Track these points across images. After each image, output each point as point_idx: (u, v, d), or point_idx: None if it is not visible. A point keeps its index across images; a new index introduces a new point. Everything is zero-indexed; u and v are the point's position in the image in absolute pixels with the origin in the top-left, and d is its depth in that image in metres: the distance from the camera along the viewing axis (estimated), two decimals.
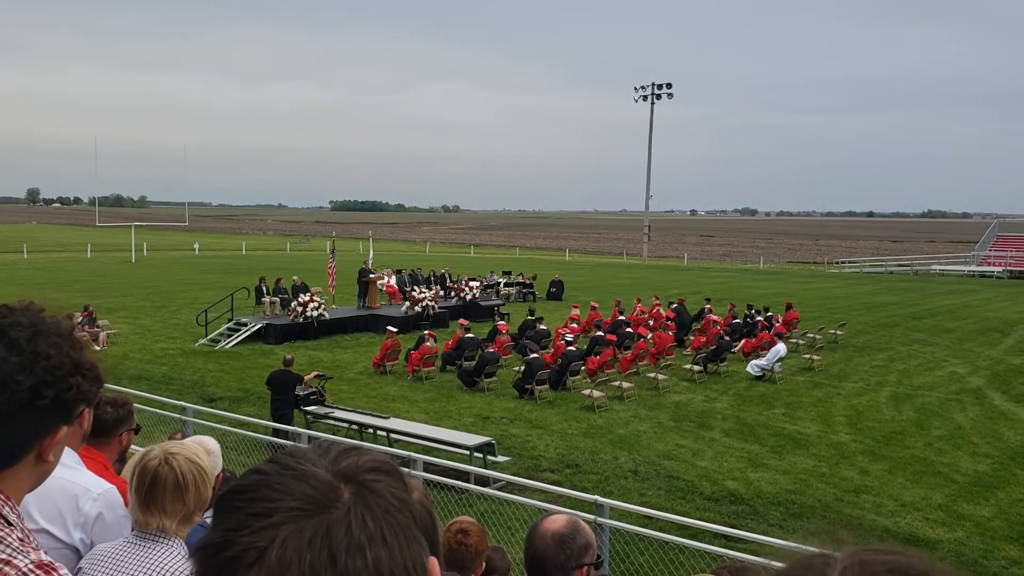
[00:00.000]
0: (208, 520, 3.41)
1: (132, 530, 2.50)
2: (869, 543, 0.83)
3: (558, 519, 2.52)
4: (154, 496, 2.41)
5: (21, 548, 1.27)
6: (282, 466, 0.81)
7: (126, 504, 2.72)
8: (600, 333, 21.54)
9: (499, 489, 10.21)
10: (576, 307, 27.56)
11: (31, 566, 1.24)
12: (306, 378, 14.50)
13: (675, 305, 28.07)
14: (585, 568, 2.45)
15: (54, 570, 1.27)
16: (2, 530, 1.27)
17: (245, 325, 23.72)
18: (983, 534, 10.59)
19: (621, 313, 25.95)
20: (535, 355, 18.00)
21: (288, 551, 0.72)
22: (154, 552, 2.38)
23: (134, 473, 2.48)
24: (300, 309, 24.09)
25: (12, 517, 1.31)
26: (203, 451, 2.67)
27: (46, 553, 1.33)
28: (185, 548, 2.46)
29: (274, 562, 0.72)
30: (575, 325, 24.47)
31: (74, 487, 2.67)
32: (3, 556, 1.23)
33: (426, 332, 20.43)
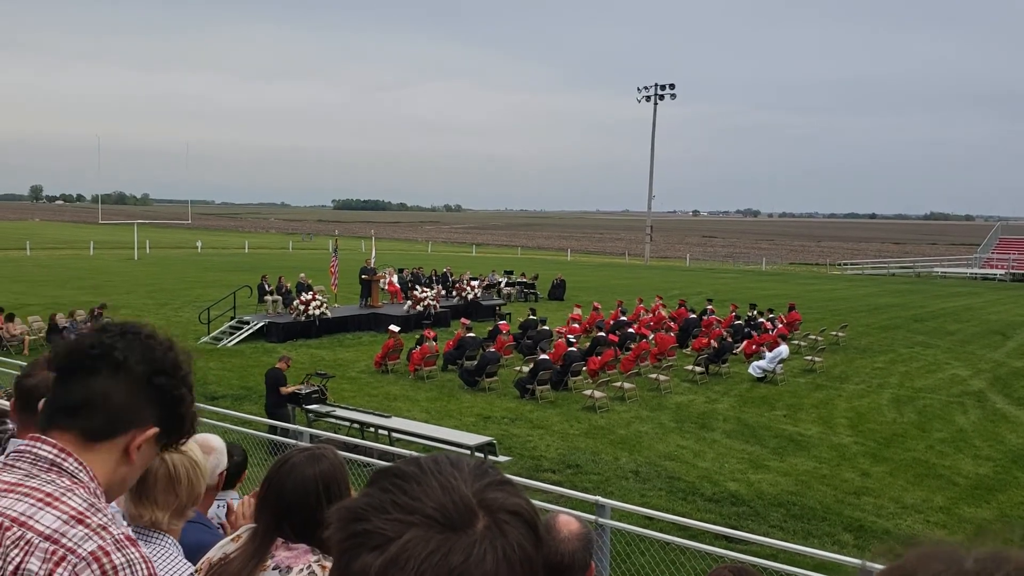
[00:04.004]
0: (201, 516, 3.42)
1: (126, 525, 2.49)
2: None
3: (570, 520, 2.54)
4: (145, 488, 2.40)
5: (113, 520, 1.45)
6: (438, 469, 0.87)
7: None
8: (602, 334, 21.53)
9: None
10: (578, 307, 27.55)
11: (121, 536, 1.43)
12: (285, 388, 14.18)
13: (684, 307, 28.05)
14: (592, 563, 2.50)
15: (136, 545, 1.45)
16: (99, 503, 1.47)
17: (247, 323, 23.74)
18: None
19: (623, 314, 25.95)
20: (544, 356, 18.03)
21: (408, 551, 0.78)
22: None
23: None
24: (302, 308, 24.11)
25: (103, 500, 1.49)
26: (196, 446, 2.66)
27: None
28: (179, 548, 2.44)
29: (392, 555, 0.78)
30: (576, 325, 24.47)
31: None
32: (102, 522, 1.41)
33: (424, 332, 20.43)
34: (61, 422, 1.52)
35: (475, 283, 31.65)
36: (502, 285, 36.43)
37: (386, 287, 29.79)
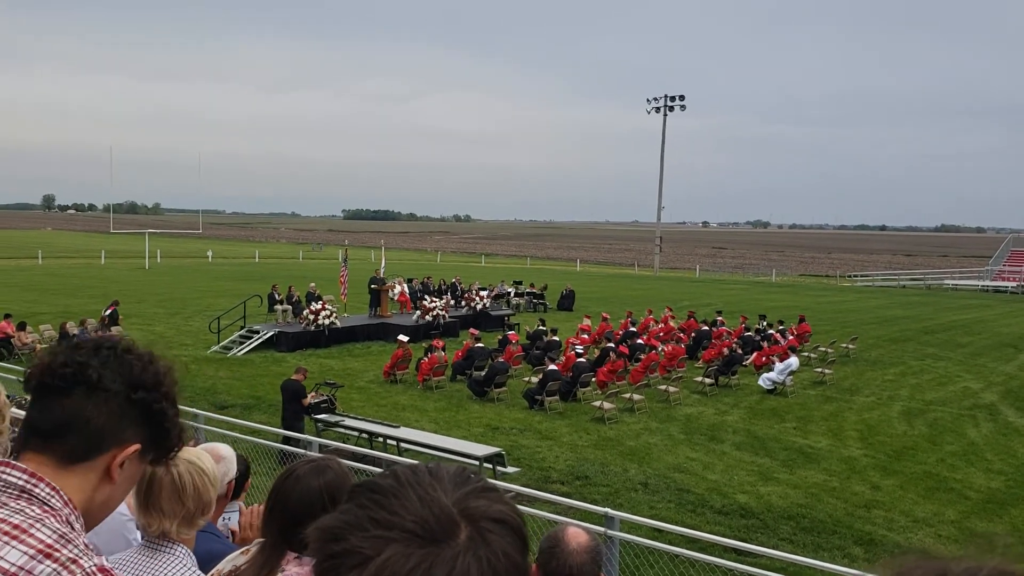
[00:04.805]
0: (211, 526, 3.43)
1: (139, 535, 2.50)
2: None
3: (579, 532, 2.55)
4: (151, 497, 2.39)
5: (86, 552, 1.35)
6: (416, 481, 0.84)
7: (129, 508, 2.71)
8: (611, 344, 21.49)
9: None
10: (588, 318, 27.52)
11: (94, 568, 1.33)
12: (305, 400, 14.20)
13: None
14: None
15: (111, 574, 1.37)
16: (71, 532, 1.36)
17: (257, 333, 23.80)
18: None
19: (633, 324, 25.91)
20: (553, 366, 18.02)
21: (388, 569, 0.75)
22: (159, 562, 2.35)
23: None
24: (312, 317, 24.18)
25: (77, 525, 1.39)
26: (205, 455, 2.65)
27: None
28: (193, 558, 2.44)
29: (372, 574, 0.76)
30: (585, 336, 24.45)
31: None
32: (72, 555, 1.31)
33: (433, 341, 20.42)
34: (34, 446, 1.43)
35: (484, 293, 31.68)
36: (511, 295, 36.43)
37: (395, 297, 29.84)
